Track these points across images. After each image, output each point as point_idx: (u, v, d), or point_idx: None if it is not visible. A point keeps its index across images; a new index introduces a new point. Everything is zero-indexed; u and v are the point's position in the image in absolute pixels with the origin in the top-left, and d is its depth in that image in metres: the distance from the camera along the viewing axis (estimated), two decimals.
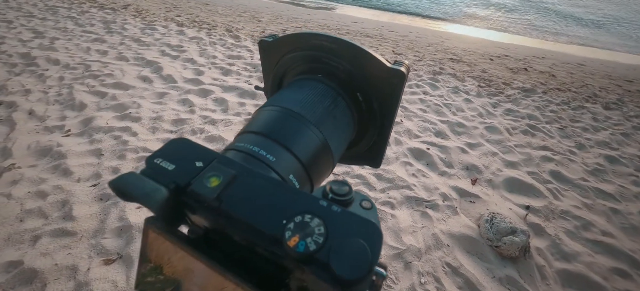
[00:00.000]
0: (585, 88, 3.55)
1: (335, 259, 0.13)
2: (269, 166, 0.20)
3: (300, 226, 0.14)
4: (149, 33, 3.72)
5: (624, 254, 1.41)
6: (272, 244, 0.14)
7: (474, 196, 1.66)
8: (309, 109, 0.24)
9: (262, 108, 0.26)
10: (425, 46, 4.58)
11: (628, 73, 4.54)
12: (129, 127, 1.87)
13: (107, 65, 2.70)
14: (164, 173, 0.17)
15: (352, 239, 0.13)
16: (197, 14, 5.04)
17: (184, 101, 2.28)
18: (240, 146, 0.22)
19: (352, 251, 0.13)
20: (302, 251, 0.13)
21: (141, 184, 0.16)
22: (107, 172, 1.53)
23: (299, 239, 0.13)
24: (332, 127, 0.25)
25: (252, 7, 6.46)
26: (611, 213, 1.68)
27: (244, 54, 3.38)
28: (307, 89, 0.26)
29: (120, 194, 0.16)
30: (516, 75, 3.75)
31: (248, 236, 0.15)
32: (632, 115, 2.95)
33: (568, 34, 7.07)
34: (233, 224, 0.15)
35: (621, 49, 6.24)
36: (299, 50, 0.28)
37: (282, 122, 0.23)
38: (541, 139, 2.33)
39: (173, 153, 0.18)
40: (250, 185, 0.16)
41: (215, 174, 0.16)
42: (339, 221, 0.14)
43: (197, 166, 0.17)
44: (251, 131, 0.23)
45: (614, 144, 2.39)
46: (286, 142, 0.22)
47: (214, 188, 0.16)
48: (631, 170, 2.08)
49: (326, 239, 0.13)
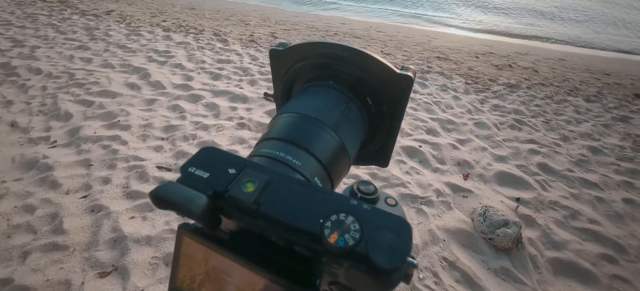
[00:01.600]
0: (567, 82, 3.68)
1: (374, 251, 0.14)
2: (295, 170, 0.22)
3: (337, 224, 0.15)
4: (135, 39, 3.65)
5: (610, 240, 1.47)
6: (312, 241, 0.15)
7: (466, 191, 1.69)
8: (326, 114, 0.26)
9: (280, 115, 0.27)
10: (412, 45, 4.66)
11: (606, 67, 4.73)
12: (118, 136, 1.83)
13: (92, 73, 2.63)
14: (200, 181, 0.17)
15: (385, 232, 0.14)
16: (184, 19, 4.97)
17: (174, 107, 2.24)
18: (266, 152, 0.23)
19: (387, 244, 0.14)
20: (342, 246, 0.14)
21: (182, 192, 0.16)
22: (97, 182, 1.49)
23: (338, 236, 0.14)
24: (348, 130, 0.27)
25: (240, 10, 6.42)
26: (596, 201, 1.74)
27: (233, 58, 3.36)
28: (322, 96, 0.28)
29: (161, 203, 0.16)
30: (501, 71, 3.86)
31: (287, 236, 0.16)
32: (611, 107, 3.07)
33: (549, 32, 7.31)
34: (272, 226, 0.16)
35: (598, 45, 6.50)
36: (311, 58, 0.30)
37: (303, 128, 0.25)
38: (528, 133, 2.40)
39: (205, 162, 0.18)
40: (284, 188, 0.17)
41: (250, 179, 0.17)
42: (371, 218, 0.15)
43: (230, 173, 0.18)
44: (274, 138, 0.24)
45: (595, 135, 2.48)
46: (308, 146, 0.23)
47: (251, 193, 0.16)
48: (613, 159, 2.17)
49: (362, 235, 0.14)
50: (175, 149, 1.79)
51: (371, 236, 0.14)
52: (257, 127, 2.08)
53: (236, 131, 2.01)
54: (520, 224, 1.42)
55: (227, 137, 1.95)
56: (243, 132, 2.01)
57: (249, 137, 1.95)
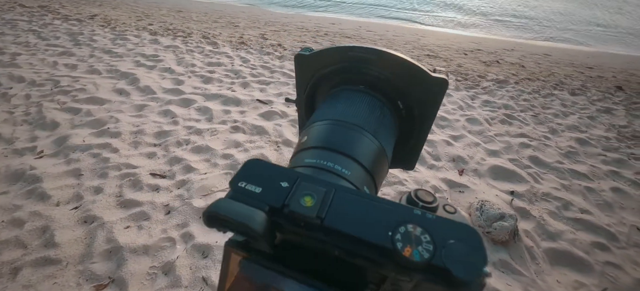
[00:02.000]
0: (552, 76, 3.78)
1: (452, 263, 0.13)
2: (346, 179, 0.21)
3: (407, 236, 0.14)
4: (121, 43, 3.56)
5: (601, 229, 1.52)
6: (382, 255, 0.14)
7: (462, 186, 1.72)
8: (364, 119, 0.25)
9: (318, 122, 0.26)
10: (402, 44, 4.70)
11: (588, 61, 4.89)
12: (109, 144, 1.78)
13: (78, 79, 2.55)
14: (254, 196, 0.17)
15: (458, 243, 0.14)
16: (171, 22, 4.88)
17: (165, 112, 2.20)
18: (312, 162, 0.22)
19: (463, 255, 0.14)
20: (419, 260, 0.13)
21: (240, 210, 0.15)
22: (89, 192, 1.44)
23: (412, 249, 0.14)
24: (385, 135, 0.26)
25: (228, 12, 6.35)
26: (586, 191, 1.79)
27: (224, 60, 3.32)
28: (357, 101, 0.27)
29: (215, 223, 0.15)
30: (489, 68, 3.94)
31: (354, 249, 0.15)
32: (595, 99, 3.17)
33: (534, 30, 7.51)
34: (337, 240, 0.15)
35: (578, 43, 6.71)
36: (340, 63, 0.29)
37: (346, 135, 0.24)
38: (518, 127, 2.46)
39: (254, 175, 0.18)
40: (343, 200, 0.16)
41: (307, 193, 0.16)
42: (439, 228, 0.15)
43: (283, 187, 0.17)
44: (318, 147, 0.24)
45: (582, 127, 2.56)
46: (354, 154, 0.23)
47: (312, 207, 0.16)
48: (599, 150, 2.24)
49: (435, 246, 0.14)
50: (169, 155, 1.75)
51: (444, 247, 0.14)
52: (251, 130, 2.06)
53: (231, 135, 1.99)
54: (516, 217, 1.45)
55: (222, 141, 1.92)
56: (237, 135, 1.99)
57: (244, 141, 1.93)
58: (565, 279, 1.27)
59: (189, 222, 1.33)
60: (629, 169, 2.04)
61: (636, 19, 8.87)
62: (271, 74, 3.06)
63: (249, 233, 0.15)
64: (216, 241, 1.25)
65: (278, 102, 2.47)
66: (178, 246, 1.22)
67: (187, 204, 1.41)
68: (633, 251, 1.43)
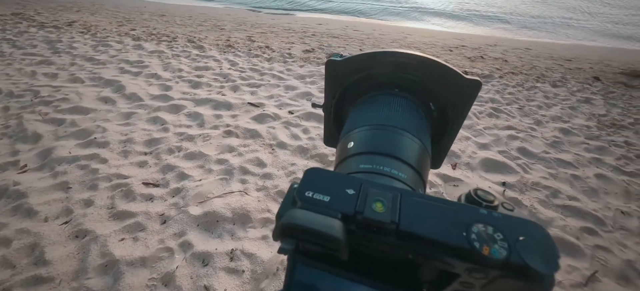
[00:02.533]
0: (534, 70, 3.91)
1: (530, 259, 0.14)
2: (403, 182, 0.22)
3: (481, 236, 0.15)
4: (103, 50, 3.45)
5: (589, 214, 1.58)
6: (458, 256, 0.15)
7: (456, 180, 1.75)
8: (407, 123, 0.26)
9: (362, 127, 0.26)
10: (389, 42, 4.76)
11: (566, 53, 5.09)
12: (97, 154, 1.72)
13: (59, 89, 2.46)
14: (324, 205, 0.16)
15: (529, 239, 0.14)
16: (154, 27, 4.77)
17: (154, 120, 2.14)
18: (369, 167, 0.23)
19: (538, 250, 0.14)
20: (498, 257, 0.14)
21: (317, 220, 0.15)
22: (79, 206, 1.39)
23: (489, 248, 0.14)
24: (426, 136, 0.27)
25: (213, 15, 6.26)
26: (573, 179, 1.87)
27: (212, 64, 3.27)
28: (396, 105, 0.28)
29: (293, 233, 0.15)
30: (474, 63, 4.04)
31: (432, 252, 0.15)
32: (575, 90, 3.31)
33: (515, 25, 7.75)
34: (414, 244, 0.15)
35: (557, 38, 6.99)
36: (374, 68, 0.29)
37: (395, 139, 0.25)
38: (505, 120, 2.53)
39: (318, 184, 0.17)
40: (412, 204, 0.16)
41: (377, 199, 0.16)
42: (507, 226, 0.15)
43: (350, 194, 0.17)
44: (370, 152, 0.24)
45: (565, 117, 2.66)
46: (405, 157, 0.24)
47: (385, 213, 0.16)
48: (582, 139, 2.33)
49: (509, 244, 0.14)
50: (161, 163, 1.71)
51: (518, 244, 0.14)
52: (244, 134, 2.04)
53: (224, 140, 1.96)
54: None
55: (215, 146, 1.89)
56: (231, 140, 1.96)
57: (237, 145, 1.91)
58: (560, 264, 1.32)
59: (186, 230, 1.30)
60: (610, 156, 2.14)
61: (608, 16, 9.30)
62: (261, 76, 3.04)
63: (330, 241, 0.15)
64: (216, 249, 1.22)
65: (270, 105, 2.45)
66: (177, 256, 1.19)
67: (184, 212, 1.38)
68: (619, 234, 1.49)
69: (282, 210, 0.18)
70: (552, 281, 0.14)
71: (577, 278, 1.25)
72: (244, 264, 1.18)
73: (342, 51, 4.12)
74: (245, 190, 1.54)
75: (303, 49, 4.13)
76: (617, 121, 2.68)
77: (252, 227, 1.35)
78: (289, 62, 3.54)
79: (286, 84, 2.89)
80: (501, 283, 0.15)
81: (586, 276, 1.26)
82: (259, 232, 1.32)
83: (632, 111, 2.92)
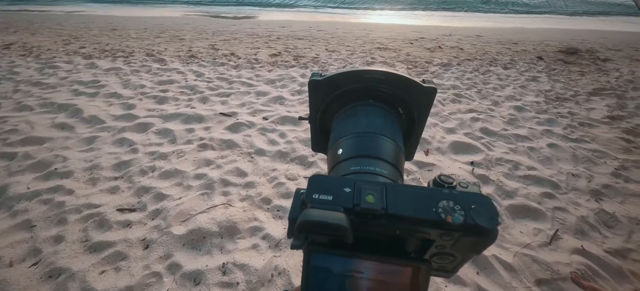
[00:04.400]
0: (487, 55, 4.23)
1: (480, 220, 0.19)
2: (386, 177, 0.27)
3: (445, 209, 0.20)
4: (50, 72, 3.18)
5: (546, 180, 1.76)
6: (433, 226, 0.20)
7: (430, 165, 1.86)
8: (383, 128, 0.32)
9: (347, 136, 0.32)
10: (353, 40, 4.88)
11: (513, 37, 5.56)
12: (60, 186, 1.60)
13: (6, 119, 2.23)
14: (329, 203, 0.20)
15: (478, 206, 0.20)
16: (106, 42, 4.47)
17: (120, 141, 2.03)
18: (358, 168, 0.28)
19: (485, 213, 0.20)
20: (457, 223, 0.19)
21: (327, 215, 0.19)
22: (48, 244, 1.29)
23: (452, 217, 0.19)
24: (399, 137, 0.33)
25: (169, 25, 5.99)
26: (529, 151, 2.06)
27: (176, 77, 3.15)
28: (373, 114, 0.34)
29: (310, 228, 0.19)
30: (434, 53, 4.27)
31: (413, 227, 0.20)
32: (523, 70, 3.63)
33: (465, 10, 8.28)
34: (398, 222, 0.20)
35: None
36: (353, 84, 0.35)
37: (376, 143, 0.30)
38: (467, 104, 2.72)
39: (321, 187, 0.21)
40: (394, 193, 0.21)
41: (368, 193, 0.21)
42: (463, 199, 0.20)
43: (348, 192, 0.21)
44: (357, 156, 0.29)
45: (517, 96, 2.92)
46: (385, 157, 0.29)
47: (376, 202, 0.20)
48: (534, 114, 2.58)
49: (465, 211, 0.19)
50: (135, 186, 1.63)
51: (471, 211, 0.20)
52: (220, 146, 2.00)
53: (199, 154, 1.91)
54: (479, 183, 1.60)
55: (191, 161, 1.83)
56: (207, 153, 1.91)
57: (214, 158, 1.87)
58: (526, 228, 1.46)
59: (172, 252, 1.26)
60: (558, 126, 2.39)
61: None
62: (230, 85, 2.98)
63: (339, 230, 0.18)
64: (206, 265, 1.20)
65: (243, 113, 2.42)
66: (165, 279, 1.15)
67: (167, 233, 1.33)
68: (572, 194, 1.68)
69: (293, 212, 0.22)
70: (496, 233, 0.19)
71: (542, 239, 1.40)
72: (237, 276, 1.17)
73: (309, 51, 4.15)
74: (229, 202, 1.52)
75: (269, 53, 4.11)
76: (560, 94, 3.00)
77: (241, 238, 1.34)
78: (256, 67, 3.51)
79: (257, 90, 2.86)
80: (463, 241, 0.20)
81: (550, 236, 1.41)
82: (248, 242, 1.32)
83: (572, 84, 3.28)
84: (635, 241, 1.42)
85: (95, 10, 8.03)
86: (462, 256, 0.22)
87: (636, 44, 5.32)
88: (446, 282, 1.19)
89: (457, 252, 0.22)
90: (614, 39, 5.80)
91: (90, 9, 8.30)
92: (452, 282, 1.18)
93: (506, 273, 1.23)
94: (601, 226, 1.49)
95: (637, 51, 4.73)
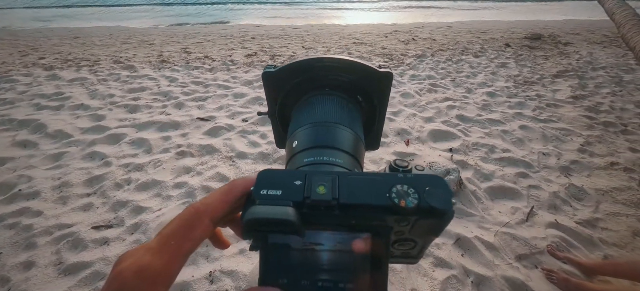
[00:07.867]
0: (458, 45, 4.38)
1: (433, 202, 0.18)
2: (340, 166, 0.26)
3: (399, 193, 0.19)
4: (6, 87, 2.94)
5: (519, 160, 1.85)
6: (386, 212, 0.19)
7: (411, 154, 1.90)
8: (340, 117, 0.31)
9: (303, 127, 0.30)
10: (329, 36, 4.88)
11: (481, 26, 5.78)
12: (27, 208, 1.49)
13: None
14: (278, 198, 0.19)
15: (432, 188, 0.19)
16: (68, 51, 4.21)
17: (91, 155, 1.91)
18: (311, 159, 0.27)
19: (438, 194, 0.19)
20: (411, 206, 0.18)
21: (274, 210, 0.18)
22: (17, 271, 1.19)
23: (405, 202, 0.19)
24: (357, 125, 0.32)
25: (137, 31, 5.73)
26: (503, 134, 2.16)
27: (147, 84, 3.01)
28: (328, 103, 0.33)
29: (257, 225, 0.18)
30: (408, 46, 4.36)
31: (366, 214, 0.19)
32: (493, 57, 3.79)
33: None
34: (352, 211, 0.19)
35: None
36: (306, 73, 0.33)
37: (331, 133, 0.29)
38: (442, 93, 2.80)
39: (270, 182, 0.20)
40: (346, 182, 0.20)
41: (320, 183, 0.20)
42: (417, 182, 0.20)
43: (298, 184, 0.20)
44: (311, 147, 0.28)
45: (489, 82, 3.04)
46: (340, 146, 0.28)
47: (327, 193, 0.19)
48: (505, 98, 2.70)
49: (419, 195, 0.19)
50: (110, 201, 1.54)
51: (425, 193, 0.19)
52: (200, 152, 1.94)
53: (178, 161, 1.84)
54: (458, 169, 1.67)
55: (169, 170, 1.76)
56: (185, 160, 1.85)
57: (194, 164, 1.81)
58: (504, 208, 1.53)
59: None
60: (527, 109, 2.52)
61: None
62: (205, 88, 2.90)
63: (287, 224, 0.18)
64: (192, 276, 1.16)
65: (221, 116, 2.36)
66: None
67: None
68: (544, 171, 1.78)
69: (242, 212, 0.21)
70: (451, 213, 0.19)
71: (519, 216, 1.47)
72: (225, 283, 1.14)
73: (285, 50, 4.11)
74: None
75: (245, 53, 4.03)
76: (528, 78, 3.16)
77: None
78: (232, 69, 3.43)
79: (234, 92, 2.80)
80: (420, 224, 0.19)
81: (526, 213, 1.48)
82: (234, 248, 1.29)
83: (537, 69, 3.46)
84: (602, 210, 1.52)
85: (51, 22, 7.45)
86: (422, 240, 0.22)
87: (590, 27, 5.70)
88: (433, 266, 1.22)
89: (416, 236, 0.21)
90: (573, 24, 6.18)
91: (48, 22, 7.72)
92: (439, 266, 1.22)
93: (488, 252, 1.28)
94: (571, 200, 1.59)
95: (593, 34, 5.06)
